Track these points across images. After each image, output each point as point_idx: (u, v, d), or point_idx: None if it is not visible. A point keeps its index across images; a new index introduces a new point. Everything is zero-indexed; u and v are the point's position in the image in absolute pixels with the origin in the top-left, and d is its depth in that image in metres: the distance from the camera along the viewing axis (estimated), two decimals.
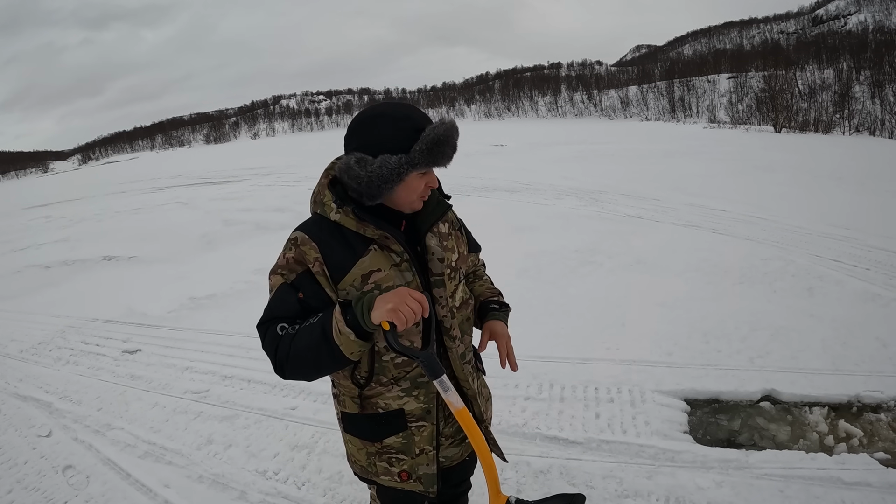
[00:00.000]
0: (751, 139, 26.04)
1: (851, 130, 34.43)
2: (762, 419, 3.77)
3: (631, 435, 3.54)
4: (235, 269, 8.05)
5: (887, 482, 3.03)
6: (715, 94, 63.69)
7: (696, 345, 4.71)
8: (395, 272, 1.60)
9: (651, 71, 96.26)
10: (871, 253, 6.91)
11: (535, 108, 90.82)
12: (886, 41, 68.79)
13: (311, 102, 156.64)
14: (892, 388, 3.93)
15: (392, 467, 1.79)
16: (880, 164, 15.36)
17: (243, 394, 4.40)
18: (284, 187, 16.28)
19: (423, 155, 1.51)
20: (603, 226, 8.99)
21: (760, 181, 12.47)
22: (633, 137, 29.37)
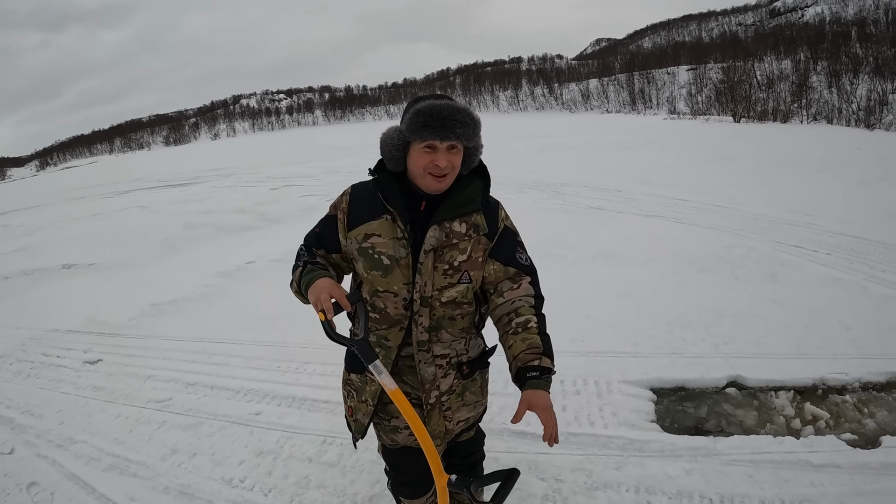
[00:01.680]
0: (711, 129, 26.61)
1: (809, 119, 35.51)
2: (729, 405, 3.84)
3: (598, 426, 3.57)
4: (197, 272, 7.91)
5: (856, 462, 3.10)
6: (675, 86, 64.90)
7: (660, 334, 4.77)
8: (394, 243, 1.84)
9: (611, 64, 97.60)
10: (831, 238, 7.12)
11: (497, 102, 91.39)
12: (843, 32, 71.28)
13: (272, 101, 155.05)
14: (856, 369, 4.05)
15: (348, 399, 2.14)
16: (838, 152, 15.84)
17: (207, 401, 4.33)
18: (246, 188, 16.09)
19: (408, 124, 1.76)
20: (566, 218, 9.06)
21: (721, 170, 12.75)
22: (594, 130, 29.74)
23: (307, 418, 3.91)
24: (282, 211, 11.96)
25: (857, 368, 4.06)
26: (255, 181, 17.66)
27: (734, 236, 7.36)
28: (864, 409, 3.72)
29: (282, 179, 17.05)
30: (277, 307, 5.92)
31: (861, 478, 3.01)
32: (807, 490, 2.93)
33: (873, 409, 3.71)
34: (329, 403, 4.03)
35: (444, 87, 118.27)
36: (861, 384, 3.95)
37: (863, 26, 75.72)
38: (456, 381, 2.06)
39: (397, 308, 1.90)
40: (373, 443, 3.45)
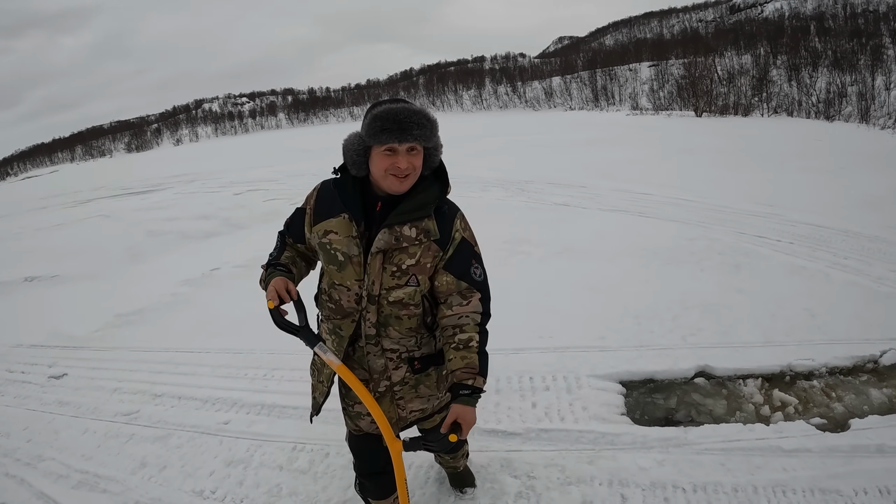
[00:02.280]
0: (673, 124, 27.06)
1: (770, 112, 36.29)
2: (698, 395, 3.90)
3: (569, 422, 3.59)
4: (162, 281, 7.77)
5: (826, 446, 3.19)
6: (637, 82, 65.70)
7: (628, 327, 4.82)
8: (348, 241, 1.97)
9: (574, 62, 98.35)
10: (794, 228, 7.29)
11: (460, 101, 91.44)
12: (802, 27, 73.21)
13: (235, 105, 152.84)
14: (822, 355, 4.16)
15: (311, 377, 2.33)
16: (799, 143, 16.21)
17: (175, 412, 4.27)
18: (209, 194, 15.85)
19: (367, 129, 1.87)
20: (531, 215, 9.10)
21: (684, 164, 12.95)
22: (558, 127, 29.94)
23: (276, 425, 3.88)
24: (246, 216, 11.83)
25: (824, 354, 4.17)
26: (218, 186, 17.44)
27: (698, 228, 7.49)
28: (832, 393, 3.82)
29: (245, 184, 16.84)
30: (244, 314, 5.88)
31: (832, 461, 3.08)
32: (779, 475, 2.99)
33: (841, 393, 3.81)
34: (298, 409, 4.00)
35: (407, 87, 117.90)
36: (828, 369, 4.05)
37: (821, 21, 77.86)
38: (408, 374, 2.17)
39: (349, 302, 2.04)
40: (343, 447, 3.40)
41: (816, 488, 2.89)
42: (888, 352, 4.17)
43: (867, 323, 4.62)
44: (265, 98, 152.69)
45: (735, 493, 2.90)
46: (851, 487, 2.89)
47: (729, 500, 2.86)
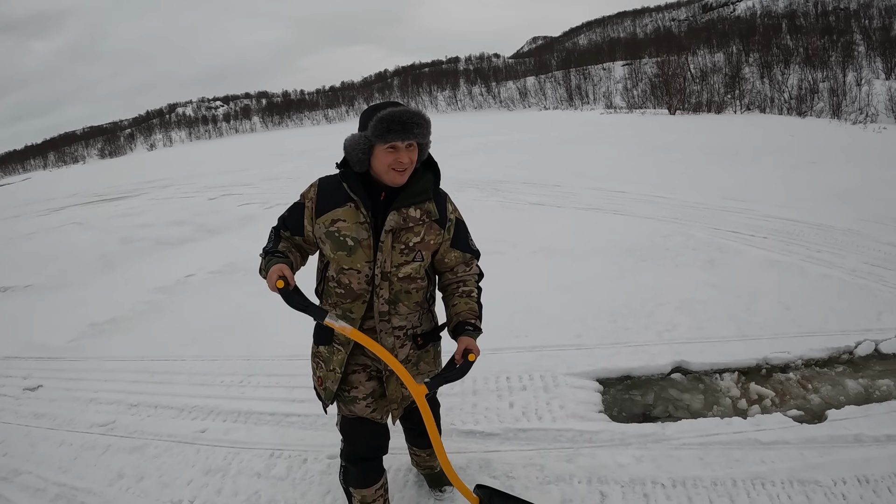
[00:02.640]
0: (647, 122, 27.29)
1: (743, 109, 36.92)
2: (675, 390, 3.92)
3: (547, 420, 3.59)
4: (136, 289, 7.65)
5: (804, 437, 3.23)
6: (611, 81, 66.45)
7: (604, 325, 4.85)
8: (357, 227, 2.19)
9: (548, 61, 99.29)
10: (767, 222, 7.40)
11: (435, 102, 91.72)
12: (774, 25, 74.67)
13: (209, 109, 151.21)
14: (797, 347, 4.22)
15: (317, 370, 2.43)
16: (771, 139, 16.49)
17: (151, 421, 4.20)
18: (183, 199, 15.68)
19: (373, 130, 2.11)
20: (505, 215, 9.13)
21: (658, 162, 13.10)
22: (532, 126, 30.11)
23: (254, 432, 3.84)
24: (220, 221, 11.72)
25: (799, 346, 4.23)
26: (192, 191, 17.27)
27: (672, 225, 7.56)
28: (808, 385, 3.86)
29: (220, 189, 16.70)
30: (219, 320, 5.85)
31: (810, 452, 3.12)
32: (757, 468, 3.02)
33: (817, 384, 3.86)
34: (275, 416, 3.98)
35: (382, 88, 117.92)
36: (804, 361, 4.11)
37: (793, 19, 79.59)
38: (412, 352, 2.42)
39: (360, 284, 2.25)
40: (321, 452, 3.41)
41: (795, 480, 2.92)
42: (863, 342, 4.24)
43: (842, 315, 4.70)
44: (239, 101, 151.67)
45: (714, 487, 2.91)
46: (830, 478, 2.92)
47: (708, 493, 2.88)
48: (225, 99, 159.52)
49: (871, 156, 13.54)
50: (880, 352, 4.20)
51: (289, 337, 5.00)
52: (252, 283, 6.62)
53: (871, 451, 3.10)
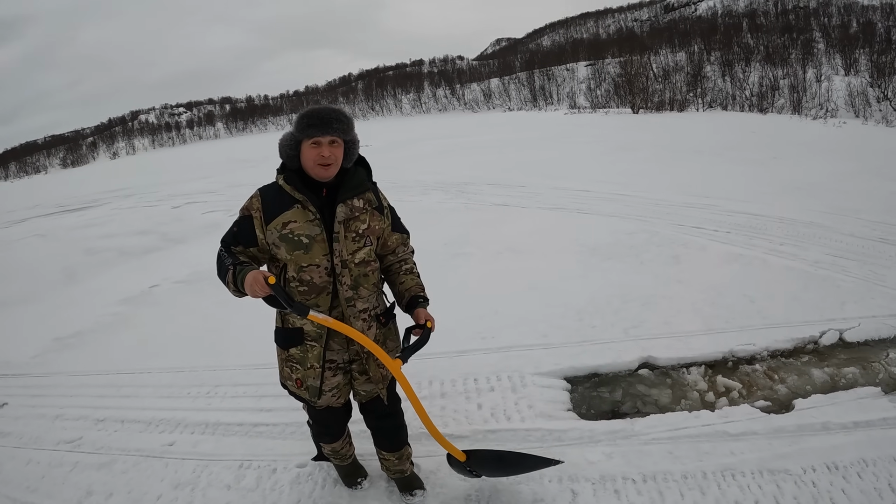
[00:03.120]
0: (610, 121, 27.65)
1: (705, 107, 37.62)
2: (643, 386, 3.96)
3: (516, 421, 3.60)
4: (100, 301, 7.48)
5: (772, 427, 3.29)
6: (574, 82, 67.03)
7: (570, 323, 4.87)
8: (308, 225, 2.38)
9: (512, 63, 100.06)
10: (730, 217, 7.54)
11: (399, 105, 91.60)
12: (734, 24, 76.37)
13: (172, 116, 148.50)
14: (763, 339, 4.31)
15: (293, 374, 2.59)
16: (733, 136, 16.84)
17: (118, 436, 4.11)
18: (147, 208, 15.38)
19: (296, 126, 2.37)
20: (471, 217, 9.14)
21: (622, 160, 13.27)
22: (497, 128, 30.26)
23: (222, 444, 3.80)
24: (185, 230, 11.55)
25: (764, 338, 4.32)
26: (156, 200, 16.98)
27: (637, 223, 7.67)
28: (775, 375, 3.94)
29: (184, 197, 16.43)
30: (184, 331, 5.78)
31: (779, 441, 3.19)
32: (727, 459, 3.07)
33: (783, 374, 3.94)
34: (243, 426, 3.93)
35: (346, 92, 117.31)
36: (769, 352, 4.20)
37: (753, 18, 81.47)
38: (378, 332, 2.65)
39: (321, 276, 2.43)
40: (290, 462, 3.39)
41: (765, 469, 2.97)
42: (827, 332, 4.36)
43: (806, 305, 4.82)
44: (203, 107, 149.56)
45: (685, 480, 2.95)
46: (800, 466, 2.98)
47: (679, 487, 2.91)
48: (188, 105, 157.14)
49: (832, 150, 13.90)
50: (845, 341, 4.32)
51: (255, 346, 4.92)
52: (217, 293, 6.52)
53: (838, 439, 3.17)
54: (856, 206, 7.90)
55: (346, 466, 3.12)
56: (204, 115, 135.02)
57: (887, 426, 3.29)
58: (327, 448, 2.96)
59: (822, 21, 72.31)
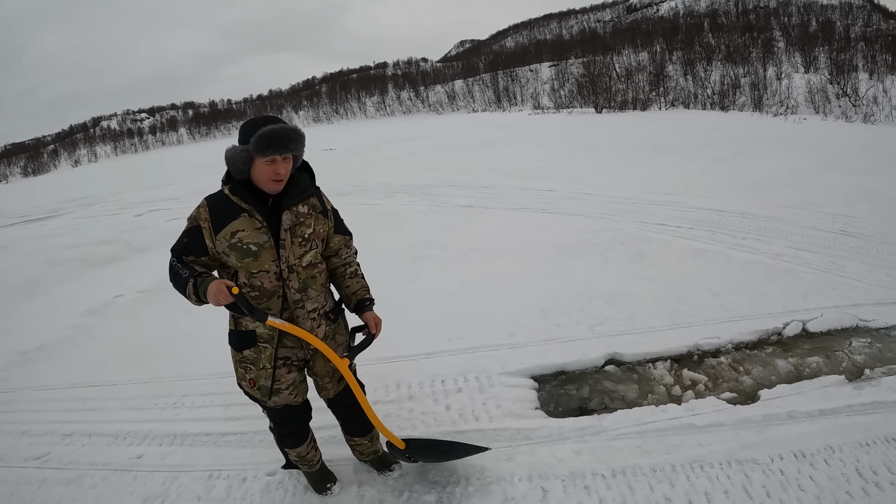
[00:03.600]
0: (574, 121, 27.93)
1: (667, 105, 38.38)
2: (610, 382, 4.00)
3: (484, 421, 3.62)
4: (64, 313, 7.31)
5: (738, 418, 3.36)
6: (538, 82, 67.70)
7: (536, 322, 4.90)
8: (256, 233, 2.47)
9: (475, 64, 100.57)
10: (693, 213, 7.68)
11: (364, 108, 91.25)
12: (696, 24, 78.06)
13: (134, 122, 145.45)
14: (727, 332, 4.40)
15: (247, 374, 2.70)
16: (696, 134, 17.16)
17: (86, 450, 4.04)
18: (110, 216, 15.05)
19: (254, 145, 2.38)
20: (435, 218, 9.15)
21: (585, 160, 13.42)
22: (461, 129, 30.37)
23: (191, 454, 3.76)
24: (148, 238, 11.34)
25: (729, 331, 4.41)
26: (119, 208, 16.64)
27: (600, 221, 7.76)
28: (740, 367, 4.03)
29: (147, 204, 16.13)
30: (149, 341, 5.71)
31: (745, 432, 3.26)
32: (695, 451, 3.13)
33: (748, 366, 4.03)
34: (211, 435, 3.90)
35: (310, 96, 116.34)
36: (734, 345, 4.29)
37: (714, 18, 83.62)
38: (328, 328, 2.78)
39: (271, 281, 2.55)
40: (260, 470, 3.39)
41: (733, 460, 3.04)
42: (790, 323, 4.47)
43: (768, 298, 4.93)
44: (165, 113, 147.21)
45: (654, 474, 3.00)
46: (767, 455, 3.06)
47: (648, 480, 2.96)
48: (151, 111, 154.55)
49: (792, 146, 14.24)
50: (808, 331, 4.43)
51: (221, 354, 4.88)
52: (182, 301, 6.45)
53: (804, 427, 3.26)
54: (816, 199, 8.12)
55: (315, 472, 3.14)
56: (167, 121, 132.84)
57: (852, 413, 3.39)
58: (293, 454, 3.03)
59: (782, 20, 74.34)
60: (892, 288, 5.14)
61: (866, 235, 6.54)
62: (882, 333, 4.39)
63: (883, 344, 4.24)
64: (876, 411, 3.41)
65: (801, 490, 2.84)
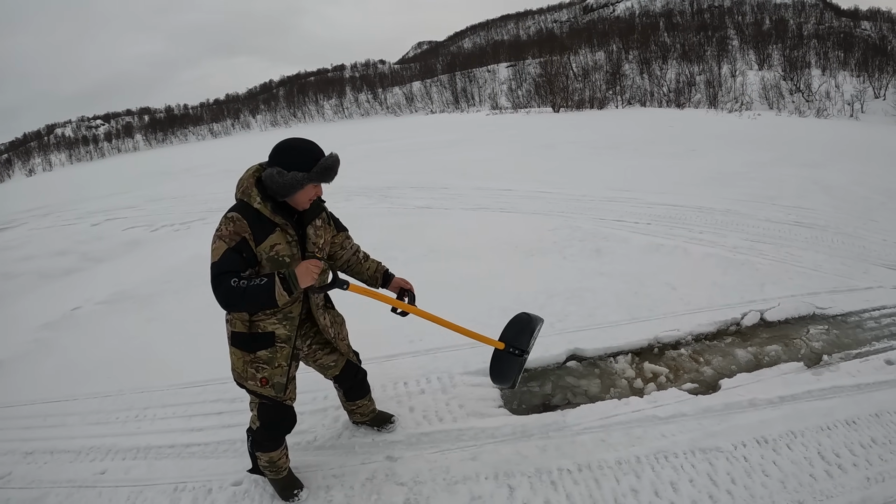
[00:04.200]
0: (532, 121, 28.15)
1: (624, 104, 39.01)
2: (572, 378, 4.05)
3: (448, 422, 3.63)
4: (21, 327, 7.07)
5: (700, 408, 3.45)
6: (496, 83, 68.18)
7: (496, 321, 4.85)
8: (288, 246, 2.70)
9: (433, 66, 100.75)
10: (650, 209, 7.82)
11: (322, 111, 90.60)
12: (651, 23, 79.57)
13: (89, 129, 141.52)
14: (686, 324, 4.49)
15: (258, 373, 2.85)
16: (652, 131, 17.46)
17: (48, 468, 3.95)
18: (66, 227, 14.62)
19: (317, 174, 2.63)
20: (394, 220, 9.12)
21: (543, 158, 13.55)
22: (419, 131, 30.36)
23: (155, 468, 3.70)
24: (105, 248, 11.07)
25: (688, 323, 4.51)
26: (75, 218, 16.20)
27: (559, 219, 7.83)
28: (700, 358, 4.12)
29: (103, 213, 15.72)
30: (109, 353, 5.58)
31: (708, 421, 3.34)
32: (659, 442, 3.19)
33: (709, 357, 4.12)
34: (175, 447, 3.84)
35: (267, 100, 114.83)
36: (693, 336, 4.38)
37: (670, 17, 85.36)
38: (329, 316, 3.14)
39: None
40: (226, 480, 3.39)
41: (696, 448, 3.12)
42: (748, 313, 4.59)
43: (726, 289, 5.06)
44: (121, 119, 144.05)
45: (619, 466, 3.06)
46: (730, 442, 3.14)
47: (614, 473, 3.02)
48: (106, 117, 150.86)
49: (747, 140, 14.60)
50: (766, 320, 4.56)
51: (182, 364, 4.88)
52: (142, 311, 6.47)
53: (766, 413, 3.36)
54: (771, 192, 8.34)
55: (282, 479, 3.19)
56: (122, 127, 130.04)
57: (812, 398, 3.50)
58: (265, 458, 3.10)
59: (736, 19, 76.26)
60: (847, 276, 5.34)
61: (820, 226, 6.75)
62: (839, 320, 4.55)
63: (840, 330, 4.39)
64: (835, 396, 3.53)
65: (765, 475, 2.93)
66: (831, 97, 34.98)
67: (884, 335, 4.32)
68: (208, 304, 6.26)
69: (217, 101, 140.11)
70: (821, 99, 34.75)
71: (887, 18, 76.98)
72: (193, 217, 11.72)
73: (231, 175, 14.23)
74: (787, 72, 43.68)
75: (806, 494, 2.84)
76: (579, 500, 2.91)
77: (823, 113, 29.64)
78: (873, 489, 2.86)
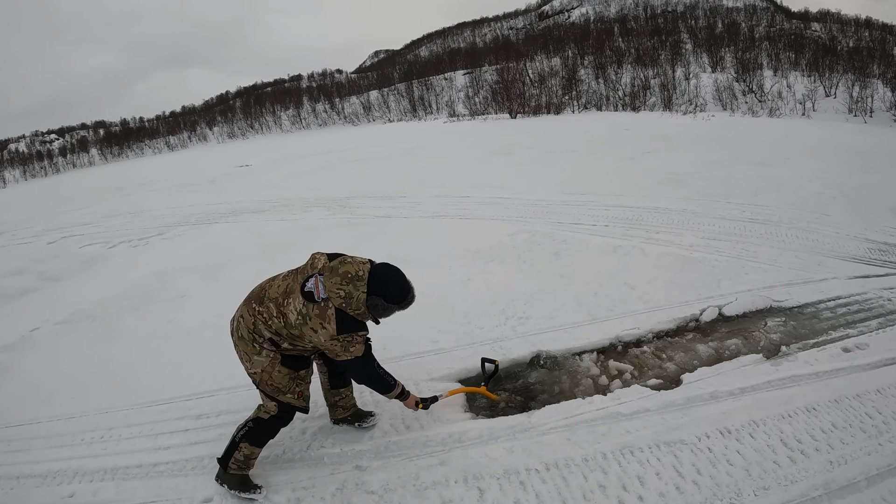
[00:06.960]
0: (489, 127, 28.36)
1: (580, 109, 39.54)
2: (537, 377, 4.12)
3: (415, 429, 3.67)
4: None
5: (662, 403, 3.54)
6: (453, 90, 68.41)
7: (459, 327, 4.96)
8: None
9: (390, 74, 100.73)
10: (607, 211, 7.96)
11: (279, 122, 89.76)
12: (606, 29, 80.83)
13: (43, 143, 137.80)
14: (646, 322, 4.61)
15: (297, 387, 3.27)
16: (607, 135, 17.73)
17: (14, 494, 3.89)
18: (20, 246, 14.20)
19: (405, 306, 3.27)
20: (353, 231, 9.11)
21: (500, 165, 13.67)
22: (377, 140, 30.30)
23: (123, 489, 3.65)
24: (62, 266, 10.79)
25: (648, 321, 4.63)
26: (30, 236, 15.75)
27: (517, 224, 7.92)
28: (663, 354, 4.23)
29: (59, 231, 15.31)
30: (71, 374, 5.50)
31: (670, 415, 3.44)
32: (623, 438, 3.27)
33: (671, 353, 4.24)
34: (142, 467, 3.81)
35: (224, 111, 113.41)
36: (654, 334, 4.50)
37: (624, 22, 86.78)
38: None
39: None
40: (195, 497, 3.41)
41: (661, 442, 3.21)
42: (707, 309, 4.72)
43: (684, 287, 5.19)
44: (75, 133, 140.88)
45: (586, 463, 3.13)
46: (694, 435, 3.24)
47: (581, 470, 3.09)
48: (60, 131, 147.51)
49: (701, 141, 14.92)
50: (724, 315, 4.70)
51: (145, 383, 4.84)
52: (101, 330, 6.40)
53: (727, 405, 3.48)
54: (725, 191, 8.56)
55: (245, 476, 3.36)
56: (77, 142, 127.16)
57: (772, 388, 3.63)
58: (247, 451, 3.30)
59: (689, 23, 78.02)
60: (802, 269, 5.52)
61: (774, 222, 6.96)
62: (795, 312, 4.72)
63: (797, 322, 4.55)
64: (794, 384, 3.67)
65: (729, 464, 3.03)
66: (783, 97, 36.00)
67: (839, 324, 4.49)
68: (169, 321, 6.21)
69: (173, 113, 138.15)
70: (773, 99, 35.75)
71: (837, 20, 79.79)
72: (151, 232, 11.53)
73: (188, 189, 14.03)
74: (740, 73, 44.80)
75: (771, 481, 2.94)
76: (548, 498, 2.97)
77: (776, 112, 30.44)
78: (836, 472, 2.97)
